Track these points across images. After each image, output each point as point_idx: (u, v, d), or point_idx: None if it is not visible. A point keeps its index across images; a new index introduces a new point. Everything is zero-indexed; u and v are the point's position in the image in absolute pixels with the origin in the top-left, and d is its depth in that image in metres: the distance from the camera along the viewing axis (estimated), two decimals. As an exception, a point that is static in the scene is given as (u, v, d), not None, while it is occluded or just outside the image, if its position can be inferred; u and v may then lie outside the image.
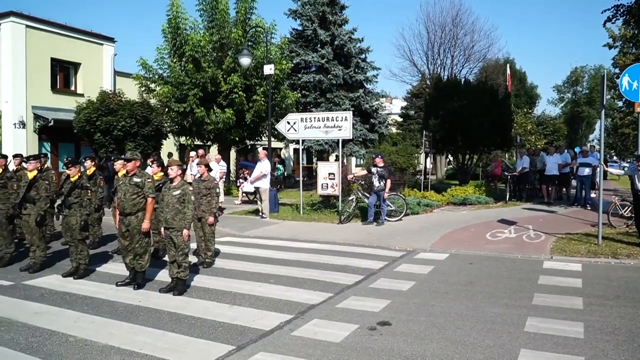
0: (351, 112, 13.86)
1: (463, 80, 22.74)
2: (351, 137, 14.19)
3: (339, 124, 13.27)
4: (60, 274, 7.44)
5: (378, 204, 12.22)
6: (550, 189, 15.96)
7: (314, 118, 13.77)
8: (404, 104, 40.57)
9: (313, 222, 12.85)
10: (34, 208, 7.63)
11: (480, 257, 8.64)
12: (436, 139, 18.87)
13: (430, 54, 33.20)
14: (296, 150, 33.00)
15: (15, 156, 10.06)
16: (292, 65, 22.55)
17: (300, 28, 25.89)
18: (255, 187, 13.86)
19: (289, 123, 14.01)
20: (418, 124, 29.91)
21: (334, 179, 13.26)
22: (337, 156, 20.41)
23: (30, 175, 7.76)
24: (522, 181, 17.23)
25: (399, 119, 39.17)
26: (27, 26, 19.42)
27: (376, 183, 12.06)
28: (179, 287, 6.50)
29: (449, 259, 8.58)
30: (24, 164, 8.95)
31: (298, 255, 8.80)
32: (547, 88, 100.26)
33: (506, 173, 17.71)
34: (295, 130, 13.92)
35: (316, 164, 22.76)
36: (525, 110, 33.61)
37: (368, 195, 12.46)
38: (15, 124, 18.95)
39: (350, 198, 13.01)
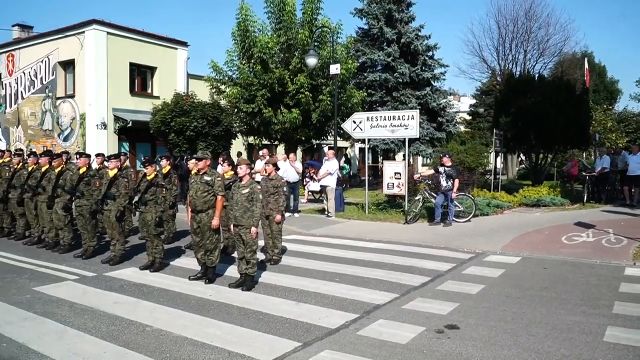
0: (418, 111, 13.64)
1: (537, 75, 21.67)
2: (417, 136, 13.97)
3: (405, 123, 13.10)
4: (138, 266, 7.86)
5: (445, 204, 11.95)
6: (633, 190, 14.93)
7: (380, 117, 13.68)
8: (473, 101, 39.50)
9: (379, 221, 12.78)
10: (114, 204, 8.05)
11: (555, 262, 8.23)
12: (507, 138, 18.19)
13: (501, 49, 32.06)
14: (362, 150, 32.95)
15: (97, 155, 10.78)
16: (358, 64, 22.52)
17: (366, 27, 25.83)
18: (321, 186, 14.01)
19: (354, 122, 14.01)
20: (488, 122, 28.99)
21: (400, 178, 13.10)
22: (403, 155, 20.18)
23: (111, 173, 8.18)
24: (602, 182, 16.23)
25: (468, 117, 38.13)
26: (108, 33, 20.62)
27: (444, 183, 11.80)
28: (247, 282, 6.68)
29: (521, 262, 8.23)
30: (105, 162, 9.55)
31: (363, 255, 8.78)
32: (629, 82, 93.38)
33: (584, 173, 16.76)
34: (361, 130, 13.90)
35: (382, 163, 22.62)
36: (604, 106, 31.58)
37: (435, 195, 12.21)
38: (97, 125, 20.25)
39: (416, 198, 12.80)
